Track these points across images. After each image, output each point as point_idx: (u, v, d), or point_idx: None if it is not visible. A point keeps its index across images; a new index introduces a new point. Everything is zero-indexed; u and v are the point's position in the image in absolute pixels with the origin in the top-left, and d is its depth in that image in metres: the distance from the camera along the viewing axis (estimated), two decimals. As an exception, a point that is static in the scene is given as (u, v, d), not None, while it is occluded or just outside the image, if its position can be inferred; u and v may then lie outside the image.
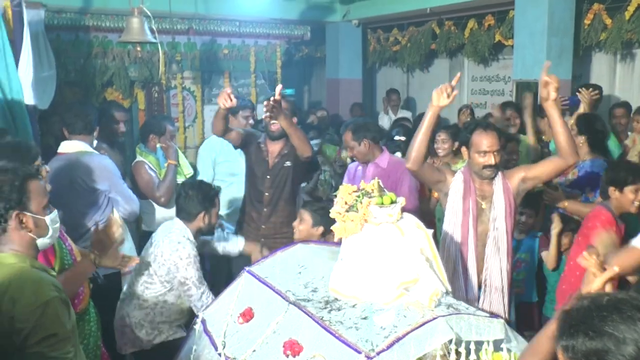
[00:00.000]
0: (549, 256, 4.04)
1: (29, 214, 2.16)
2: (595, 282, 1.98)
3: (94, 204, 3.86)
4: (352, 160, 4.67)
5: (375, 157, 4.25)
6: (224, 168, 5.07)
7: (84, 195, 3.81)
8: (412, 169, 3.37)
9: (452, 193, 3.46)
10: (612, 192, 3.56)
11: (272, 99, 3.76)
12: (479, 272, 3.44)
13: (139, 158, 4.79)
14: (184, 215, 3.53)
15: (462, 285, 3.43)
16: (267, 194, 4.23)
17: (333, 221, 3.77)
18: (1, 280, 2.05)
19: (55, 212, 2.31)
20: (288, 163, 4.23)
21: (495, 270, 3.42)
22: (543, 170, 3.43)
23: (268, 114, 3.84)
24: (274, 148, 4.22)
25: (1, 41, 3.85)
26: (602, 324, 1.35)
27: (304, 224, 3.61)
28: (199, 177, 4.86)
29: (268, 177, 4.22)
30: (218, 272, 4.70)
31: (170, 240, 3.40)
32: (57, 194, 3.07)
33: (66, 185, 3.70)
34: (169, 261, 3.35)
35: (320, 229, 3.59)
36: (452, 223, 3.46)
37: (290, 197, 4.32)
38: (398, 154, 4.73)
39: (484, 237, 3.44)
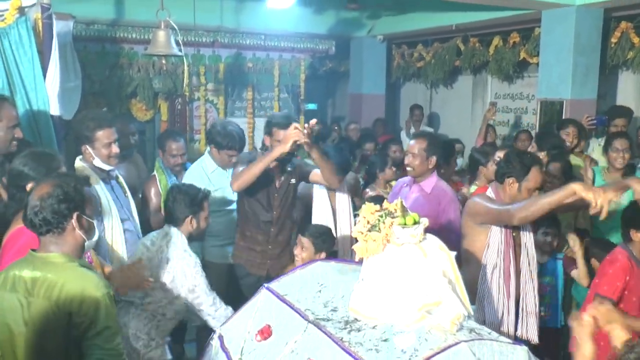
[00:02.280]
0: (580, 273, 3.96)
1: (85, 216, 2.32)
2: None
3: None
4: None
5: (425, 178, 4.03)
6: (218, 197, 4.40)
7: None
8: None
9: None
10: (634, 234, 3.41)
11: (306, 128, 3.62)
12: (518, 298, 3.49)
13: (154, 173, 4.69)
14: (172, 219, 3.42)
15: (505, 314, 3.48)
16: (275, 212, 4.06)
17: (333, 244, 3.78)
18: (56, 278, 2.20)
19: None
20: (293, 180, 4.14)
21: (530, 295, 3.51)
22: None
23: (300, 140, 3.64)
24: (279, 166, 4.04)
25: (31, 52, 3.89)
26: None
27: (305, 251, 3.58)
28: None
29: (276, 195, 4.06)
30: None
31: (176, 247, 3.32)
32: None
33: None
34: (174, 269, 3.26)
35: (323, 254, 3.57)
36: (496, 252, 3.45)
37: (293, 214, 4.26)
38: None
39: (519, 263, 3.48)
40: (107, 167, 3.63)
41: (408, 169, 4.04)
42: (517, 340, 3.31)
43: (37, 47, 3.94)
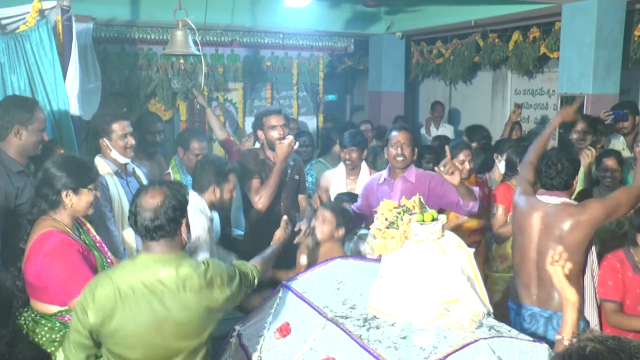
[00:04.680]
0: None
1: (187, 220, 2.49)
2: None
3: None
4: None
5: (406, 170, 4.04)
6: None
7: None
8: None
9: None
10: None
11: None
12: None
13: (168, 171, 4.75)
14: (197, 186, 3.68)
15: None
16: (283, 204, 4.33)
17: (350, 221, 3.80)
18: (188, 270, 2.36)
19: None
20: (297, 177, 4.47)
21: None
22: None
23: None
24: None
25: (51, 54, 3.93)
26: None
27: (327, 224, 3.55)
28: None
29: (283, 190, 4.32)
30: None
31: (192, 207, 3.38)
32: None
33: None
34: (195, 226, 3.35)
35: (342, 230, 3.58)
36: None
37: (297, 205, 4.55)
38: None
39: None
40: (124, 160, 3.75)
41: (399, 159, 3.97)
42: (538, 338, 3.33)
43: (58, 49, 3.98)
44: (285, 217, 3.41)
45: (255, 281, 2.70)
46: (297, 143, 4.25)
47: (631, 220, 3.47)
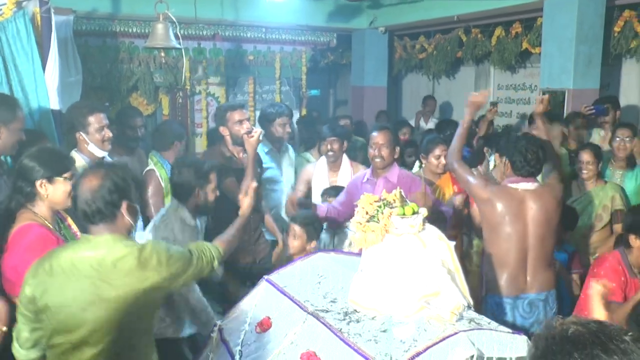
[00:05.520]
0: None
1: (133, 203, 2.42)
2: None
3: None
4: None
5: (388, 169, 4.06)
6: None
7: None
8: None
9: None
10: (634, 240, 3.28)
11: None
12: None
13: (151, 166, 4.64)
14: (178, 194, 3.52)
15: None
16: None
17: (321, 230, 3.81)
18: (123, 251, 2.32)
19: None
20: (259, 169, 4.40)
21: None
22: None
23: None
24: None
25: (29, 47, 3.89)
26: None
27: (298, 239, 3.59)
28: None
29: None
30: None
31: (162, 220, 3.45)
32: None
33: None
34: (176, 238, 3.34)
35: (314, 243, 3.61)
36: None
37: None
38: None
39: None
40: (101, 153, 3.71)
41: (377, 160, 4.02)
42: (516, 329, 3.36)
43: (37, 42, 3.93)
44: (254, 184, 3.32)
45: (215, 262, 2.68)
46: (263, 132, 4.27)
47: (624, 220, 3.49)
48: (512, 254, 3.47)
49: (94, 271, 2.28)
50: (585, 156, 4.51)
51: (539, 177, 3.72)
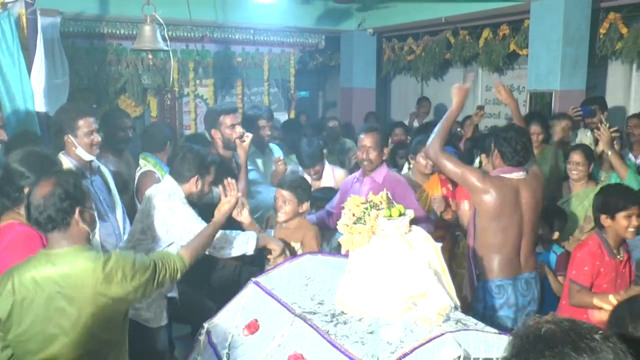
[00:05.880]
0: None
1: (86, 209, 2.40)
2: None
3: None
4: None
5: (376, 169, 4.06)
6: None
7: None
8: None
9: None
10: (604, 220, 3.40)
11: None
12: None
13: (148, 167, 4.58)
14: (177, 176, 3.51)
15: None
16: None
17: (310, 191, 3.81)
18: (85, 266, 2.30)
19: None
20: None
21: None
22: None
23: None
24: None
25: (15, 48, 3.88)
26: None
27: (290, 204, 3.58)
28: None
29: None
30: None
31: (161, 192, 3.41)
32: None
33: None
34: (162, 210, 3.32)
35: (306, 204, 3.62)
36: None
37: None
38: None
39: None
40: (88, 157, 3.67)
41: (365, 162, 4.03)
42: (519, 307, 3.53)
43: (22, 43, 3.91)
44: (232, 180, 3.32)
45: (178, 274, 2.65)
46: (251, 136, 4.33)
47: (594, 202, 3.54)
48: (510, 241, 3.60)
49: (57, 287, 2.27)
50: (576, 157, 4.53)
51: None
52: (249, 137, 4.14)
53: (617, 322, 1.67)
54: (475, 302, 3.68)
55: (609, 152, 4.74)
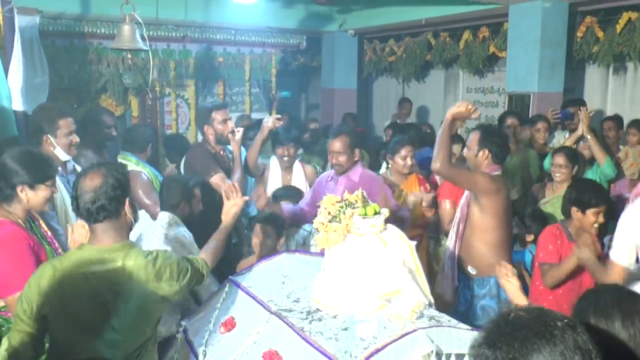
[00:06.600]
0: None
1: (132, 200, 2.47)
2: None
3: None
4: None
5: (350, 169, 4.08)
6: None
7: None
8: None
9: None
10: (575, 212, 3.52)
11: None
12: None
13: (132, 167, 4.47)
14: (167, 207, 3.66)
15: None
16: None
17: (284, 227, 3.84)
18: (134, 261, 2.32)
19: None
20: None
21: None
22: None
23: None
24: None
25: (-8, 47, 3.86)
26: (503, 343, 1.37)
27: (269, 238, 3.65)
28: None
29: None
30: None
31: (169, 229, 3.48)
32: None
33: None
34: (168, 244, 3.36)
35: (282, 239, 3.73)
36: None
37: None
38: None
39: None
40: (65, 157, 3.69)
41: (336, 167, 4.06)
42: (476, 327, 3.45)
43: (-1, 42, 3.90)
44: (236, 184, 3.33)
45: (205, 278, 2.67)
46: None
47: (567, 193, 3.62)
48: (510, 235, 3.82)
49: (107, 282, 2.28)
50: (559, 159, 4.59)
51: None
52: (240, 131, 4.27)
53: (579, 313, 1.71)
54: (478, 299, 3.76)
55: (589, 137, 4.84)
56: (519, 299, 2.45)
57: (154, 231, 3.46)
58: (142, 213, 3.58)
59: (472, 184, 3.64)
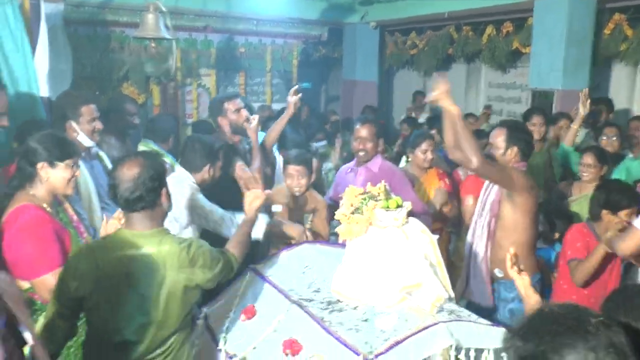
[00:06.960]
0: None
1: (168, 190, 2.49)
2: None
3: None
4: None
5: (371, 160, 4.06)
6: None
7: None
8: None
9: None
10: (605, 214, 3.43)
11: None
12: None
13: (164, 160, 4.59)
14: (189, 166, 3.62)
15: None
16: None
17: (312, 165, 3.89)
18: (170, 248, 2.36)
19: None
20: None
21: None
22: None
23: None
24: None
25: (19, 33, 3.89)
26: (539, 336, 1.38)
27: (304, 177, 3.75)
28: None
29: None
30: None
31: (172, 179, 3.41)
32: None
33: None
34: (180, 202, 3.39)
35: (313, 175, 3.83)
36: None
37: None
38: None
39: None
40: (89, 143, 3.72)
41: (361, 153, 4.04)
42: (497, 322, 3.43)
43: (26, 29, 3.93)
44: (257, 175, 3.35)
45: (232, 273, 2.67)
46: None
47: (597, 195, 3.57)
48: (537, 235, 3.75)
49: (143, 267, 2.30)
50: (588, 159, 4.53)
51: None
52: (255, 118, 4.19)
53: (608, 313, 1.69)
54: (505, 302, 3.62)
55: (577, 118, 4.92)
56: (531, 296, 2.42)
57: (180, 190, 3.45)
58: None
59: (509, 181, 3.43)
